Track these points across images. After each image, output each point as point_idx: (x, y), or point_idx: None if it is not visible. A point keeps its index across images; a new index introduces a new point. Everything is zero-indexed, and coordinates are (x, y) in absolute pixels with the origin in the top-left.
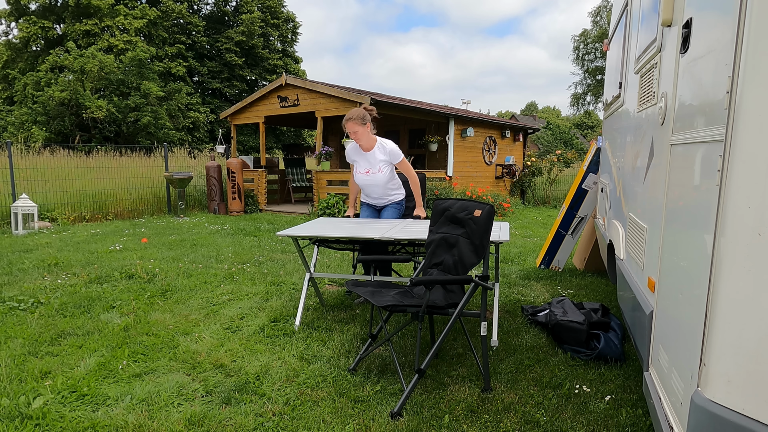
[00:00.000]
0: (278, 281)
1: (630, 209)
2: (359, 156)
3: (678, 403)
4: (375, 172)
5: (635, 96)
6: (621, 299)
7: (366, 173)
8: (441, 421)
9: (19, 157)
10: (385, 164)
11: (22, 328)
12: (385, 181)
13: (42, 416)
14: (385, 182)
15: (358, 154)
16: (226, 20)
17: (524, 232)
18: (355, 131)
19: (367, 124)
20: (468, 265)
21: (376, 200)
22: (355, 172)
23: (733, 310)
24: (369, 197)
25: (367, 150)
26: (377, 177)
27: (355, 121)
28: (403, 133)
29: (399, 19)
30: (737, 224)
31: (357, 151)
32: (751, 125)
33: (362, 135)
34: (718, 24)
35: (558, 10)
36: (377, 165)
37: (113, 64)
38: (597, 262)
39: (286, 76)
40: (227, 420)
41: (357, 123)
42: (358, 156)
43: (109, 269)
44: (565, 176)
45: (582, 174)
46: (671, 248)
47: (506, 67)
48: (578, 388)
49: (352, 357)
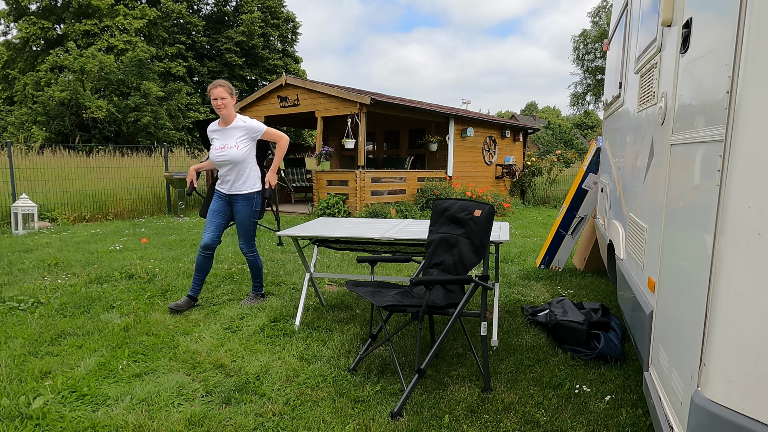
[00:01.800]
0: (278, 281)
1: (630, 209)
2: (217, 132)
3: (678, 403)
4: (230, 147)
5: (635, 96)
6: (621, 299)
7: (221, 149)
8: (441, 421)
9: (19, 157)
10: (243, 139)
11: (22, 328)
12: (240, 159)
13: (42, 416)
14: (240, 160)
15: (217, 131)
16: (226, 20)
17: (524, 232)
18: (224, 98)
19: (234, 97)
20: (468, 265)
21: (228, 186)
22: (212, 151)
23: (733, 310)
24: (223, 182)
25: (226, 124)
26: (232, 152)
27: (225, 88)
28: (403, 133)
29: (401, 20)
30: (737, 224)
31: (215, 127)
32: (751, 125)
33: (228, 104)
34: (718, 24)
35: (560, 10)
36: (233, 139)
37: (113, 64)
38: (597, 262)
39: (286, 76)
40: (227, 420)
41: (227, 90)
42: (217, 132)
43: (109, 269)
44: (565, 176)
45: (582, 174)
46: (671, 248)
47: (508, 67)
48: (578, 388)
49: (352, 357)
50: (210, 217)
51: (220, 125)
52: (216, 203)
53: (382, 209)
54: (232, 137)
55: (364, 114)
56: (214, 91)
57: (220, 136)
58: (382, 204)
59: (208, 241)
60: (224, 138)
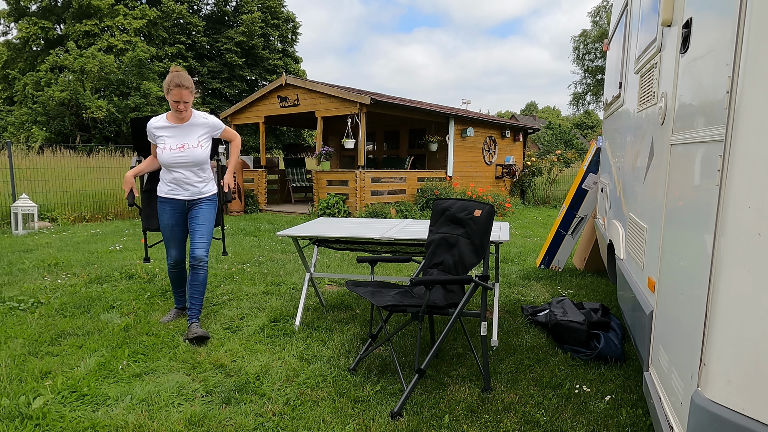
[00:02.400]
0: (278, 281)
1: (630, 209)
2: (169, 129)
3: (678, 403)
4: (192, 147)
5: (635, 96)
6: (621, 299)
7: (180, 149)
8: (441, 421)
9: (19, 157)
10: (205, 137)
11: (22, 328)
12: (204, 160)
13: (42, 416)
14: (205, 161)
15: (167, 128)
16: (226, 20)
17: (524, 232)
18: (187, 102)
19: (193, 94)
20: (468, 265)
21: (185, 193)
22: (161, 150)
23: (733, 310)
24: (177, 188)
25: (182, 121)
26: (196, 152)
27: (190, 89)
28: (403, 133)
29: (402, 20)
30: (737, 224)
31: (164, 123)
32: (751, 125)
33: (190, 105)
34: (718, 24)
35: (560, 11)
36: (195, 138)
37: (113, 64)
38: (597, 262)
39: (286, 76)
40: (227, 420)
41: (191, 92)
42: (168, 129)
43: (109, 269)
44: (565, 176)
45: (582, 174)
46: (671, 248)
47: (508, 67)
48: (578, 388)
49: (352, 357)
50: (170, 233)
51: (172, 121)
52: (171, 215)
53: (382, 209)
54: (192, 135)
55: (364, 114)
56: (175, 93)
57: (175, 133)
58: (382, 204)
59: (177, 257)
60: (181, 136)
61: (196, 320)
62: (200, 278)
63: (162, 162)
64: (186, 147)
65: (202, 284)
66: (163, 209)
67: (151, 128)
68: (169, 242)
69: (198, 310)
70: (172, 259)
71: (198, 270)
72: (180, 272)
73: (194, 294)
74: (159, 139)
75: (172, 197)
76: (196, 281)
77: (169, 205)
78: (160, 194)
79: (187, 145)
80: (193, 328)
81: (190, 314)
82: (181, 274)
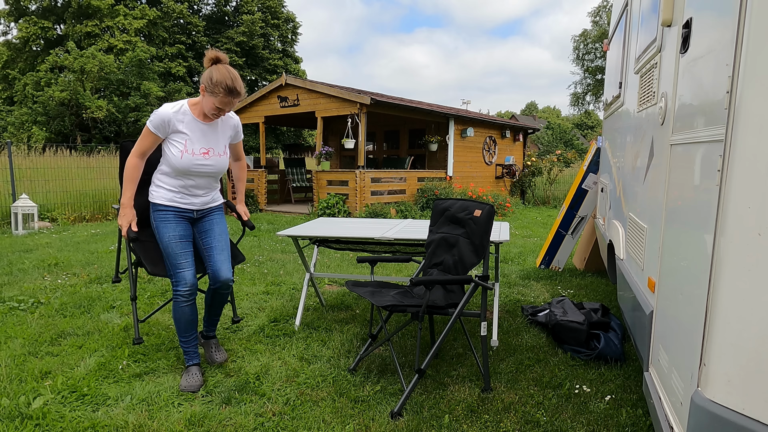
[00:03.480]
0: (278, 281)
1: (630, 209)
2: (193, 127)
3: (678, 403)
4: (218, 155)
5: (635, 96)
6: (621, 299)
7: (204, 155)
8: (441, 421)
9: (19, 157)
10: (228, 144)
11: (22, 328)
12: (225, 168)
13: (42, 416)
14: (225, 169)
15: (191, 124)
16: (227, 20)
17: (524, 232)
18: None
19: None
20: (468, 265)
21: (195, 202)
22: (180, 152)
23: (733, 310)
24: (186, 196)
25: (211, 119)
26: (221, 162)
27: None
28: (403, 133)
29: (403, 20)
30: (737, 224)
31: (187, 116)
32: (751, 125)
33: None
34: (718, 24)
35: (562, 11)
36: (223, 144)
37: (113, 64)
38: (597, 262)
39: (286, 76)
40: (227, 420)
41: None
42: (191, 127)
43: (109, 269)
44: (565, 176)
45: (582, 174)
46: (671, 248)
47: (509, 67)
48: (578, 388)
49: (352, 357)
50: (183, 246)
51: (200, 117)
52: (181, 227)
53: (382, 209)
54: (220, 140)
55: (364, 114)
56: (225, 101)
57: (201, 134)
58: (382, 204)
59: (193, 280)
60: (208, 139)
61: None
62: (225, 299)
63: (176, 166)
64: (212, 154)
65: (226, 300)
66: (165, 219)
67: (170, 118)
68: (181, 260)
69: (217, 320)
70: (186, 285)
71: (224, 293)
72: (193, 305)
73: (214, 316)
74: (178, 136)
75: (179, 206)
76: (220, 302)
77: (173, 214)
78: (158, 201)
79: (214, 152)
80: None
81: (207, 332)
82: (194, 308)
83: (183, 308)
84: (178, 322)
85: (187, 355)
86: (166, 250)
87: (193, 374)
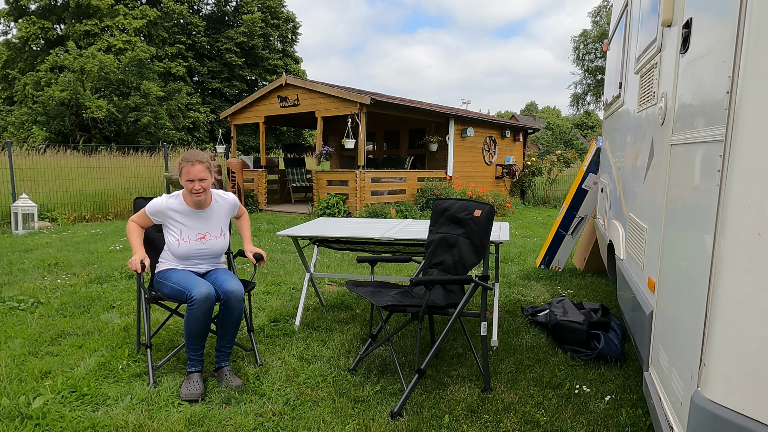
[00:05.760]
0: (278, 281)
1: (630, 209)
2: (186, 216)
3: (678, 403)
4: (215, 237)
5: (635, 96)
6: (621, 299)
7: (200, 240)
8: (441, 421)
9: (20, 157)
10: (226, 224)
11: (22, 328)
12: (225, 249)
13: (42, 416)
14: (224, 250)
15: (184, 213)
16: (227, 20)
17: (524, 232)
18: (203, 179)
19: (213, 174)
20: (468, 265)
21: (202, 270)
22: (177, 240)
23: (733, 310)
24: (195, 267)
25: (201, 207)
26: (218, 244)
27: (205, 164)
28: (403, 133)
29: (406, 21)
30: (737, 224)
31: (181, 206)
32: (751, 125)
33: (208, 185)
34: (718, 24)
35: (564, 12)
36: (218, 226)
37: (113, 64)
38: (597, 262)
39: (286, 76)
40: (227, 420)
41: (206, 167)
42: (184, 216)
43: (109, 269)
44: (565, 176)
45: (582, 174)
46: (671, 248)
47: (511, 68)
48: (578, 388)
49: (352, 357)
50: (191, 276)
51: (191, 205)
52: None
53: (382, 209)
54: (214, 223)
55: (364, 114)
56: (191, 170)
57: (194, 221)
58: (382, 204)
59: (208, 290)
60: (202, 224)
61: (227, 362)
62: (237, 314)
63: (176, 253)
64: (208, 238)
65: (238, 321)
66: (173, 271)
67: (164, 208)
68: (192, 280)
69: (230, 351)
70: (200, 292)
71: (235, 307)
72: (207, 314)
73: (227, 341)
74: (174, 224)
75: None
76: (232, 317)
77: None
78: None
79: (210, 236)
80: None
81: (219, 362)
82: (208, 318)
83: (194, 311)
84: (188, 329)
85: (190, 361)
86: (178, 282)
87: (194, 382)
